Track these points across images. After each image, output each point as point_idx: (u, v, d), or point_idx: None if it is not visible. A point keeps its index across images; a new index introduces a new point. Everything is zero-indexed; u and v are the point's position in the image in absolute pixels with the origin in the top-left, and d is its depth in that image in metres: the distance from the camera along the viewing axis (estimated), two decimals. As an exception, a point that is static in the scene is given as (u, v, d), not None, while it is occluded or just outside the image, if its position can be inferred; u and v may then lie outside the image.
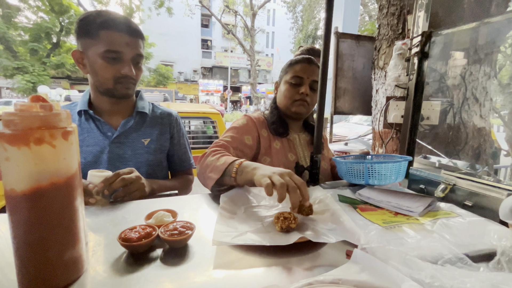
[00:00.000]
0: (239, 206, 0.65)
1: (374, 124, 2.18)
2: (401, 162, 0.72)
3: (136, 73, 0.83)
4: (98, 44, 0.76)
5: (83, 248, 0.39)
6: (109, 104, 0.87)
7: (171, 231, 0.47)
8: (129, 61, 0.80)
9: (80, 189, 0.39)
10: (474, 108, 1.76)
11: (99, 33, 0.76)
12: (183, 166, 1.03)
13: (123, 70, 0.79)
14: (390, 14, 2.08)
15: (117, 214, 0.60)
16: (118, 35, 0.77)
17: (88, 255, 0.44)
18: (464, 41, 1.49)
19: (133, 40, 0.80)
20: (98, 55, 0.77)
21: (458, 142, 1.78)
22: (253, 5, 15.42)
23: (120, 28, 0.77)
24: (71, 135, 0.36)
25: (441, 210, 0.60)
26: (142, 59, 0.85)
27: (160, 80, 17.36)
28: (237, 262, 0.44)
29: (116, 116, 0.89)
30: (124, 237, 0.44)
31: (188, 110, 3.37)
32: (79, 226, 0.38)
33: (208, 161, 0.76)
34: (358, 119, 7.09)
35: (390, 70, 1.83)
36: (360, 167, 0.74)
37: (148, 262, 0.43)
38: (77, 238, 0.38)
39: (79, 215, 0.38)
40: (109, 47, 0.76)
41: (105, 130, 0.85)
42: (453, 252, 0.42)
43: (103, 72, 0.79)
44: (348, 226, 0.50)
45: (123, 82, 0.82)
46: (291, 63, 0.98)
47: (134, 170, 0.74)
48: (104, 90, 0.83)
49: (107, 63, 0.78)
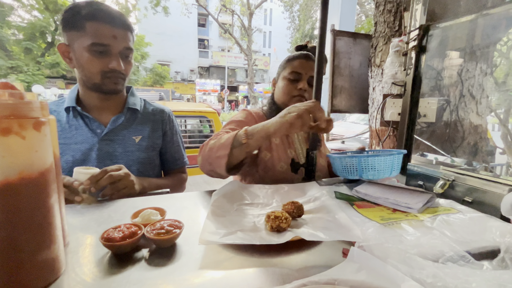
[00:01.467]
0: (232, 203, 0.62)
1: (371, 122, 2.17)
2: (395, 155, 0.70)
3: (125, 68, 0.80)
4: (84, 36, 0.73)
5: (60, 248, 0.37)
6: (98, 100, 0.83)
7: (158, 230, 0.44)
8: (117, 55, 0.77)
9: (55, 185, 0.36)
10: (470, 106, 1.76)
11: (85, 25, 0.72)
12: (176, 164, 1.00)
13: (111, 64, 0.76)
14: (386, 11, 2.07)
15: (103, 212, 0.58)
16: (105, 27, 0.73)
17: (68, 256, 0.41)
18: (461, 36, 1.48)
19: (121, 32, 0.76)
20: (84, 49, 0.73)
21: (455, 139, 1.77)
22: (250, 5, 15.37)
23: (107, 20, 0.74)
24: (44, 126, 0.33)
25: (440, 207, 0.58)
26: (132, 52, 0.82)
27: (157, 80, 17.26)
28: (226, 262, 0.41)
29: (105, 113, 0.85)
30: (107, 236, 0.42)
31: (184, 109, 3.34)
32: (55, 225, 0.35)
33: (211, 145, 0.71)
34: (355, 118, 7.09)
35: (387, 67, 1.82)
36: (353, 161, 0.72)
37: (132, 263, 0.40)
38: (53, 238, 0.35)
39: (55, 213, 0.36)
40: (95, 39, 0.73)
41: (94, 127, 0.82)
42: (455, 250, 0.40)
43: (89, 66, 0.75)
44: (344, 224, 0.48)
45: (111, 77, 0.78)
46: (289, 59, 0.96)
47: (122, 167, 0.71)
48: (92, 85, 0.79)
49: (93, 56, 0.74)
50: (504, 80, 2.94)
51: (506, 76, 2.97)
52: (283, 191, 0.72)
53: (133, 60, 0.85)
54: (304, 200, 0.65)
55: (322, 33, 0.77)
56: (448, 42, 1.54)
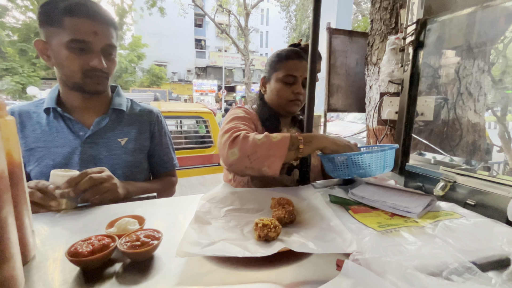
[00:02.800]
0: (220, 208, 0.58)
1: (368, 121, 2.14)
2: (386, 151, 0.66)
3: (108, 66, 0.75)
4: (63, 32, 0.67)
5: (16, 267, 0.32)
6: (80, 100, 0.78)
7: (133, 242, 0.40)
8: (99, 52, 0.72)
9: (9, 196, 0.32)
10: (468, 104, 1.73)
11: (62, 20, 0.67)
12: (165, 167, 0.95)
13: (92, 62, 0.71)
14: (382, 8, 2.04)
15: (78, 221, 0.53)
16: (84, 22, 0.68)
17: (30, 273, 0.37)
18: (459, 32, 1.45)
19: (103, 28, 0.71)
20: (62, 45, 0.68)
21: (453, 138, 1.75)
22: (247, 5, 15.32)
23: (87, 14, 0.68)
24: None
25: (442, 211, 0.54)
26: (115, 50, 0.77)
27: (154, 81, 17.16)
28: (207, 277, 0.37)
29: (88, 114, 0.80)
30: (74, 251, 0.37)
31: (180, 110, 3.29)
32: (9, 242, 0.31)
33: (258, 141, 0.66)
34: (353, 117, 7.08)
35: (383, 65, 1.78)
36: (343, 159, 0.68)
37: (102, 280, 0.36)
38: (6, 256, 0.31)
39: (9, 227, 0.31)
40: (74, 36, 0.67)
41: (77, 129, 0.77)
42: (459, 260, 0.37)
43: (69, 65, 0.70)
44: (339, 233, 0.44)
45: (93, 76, 0.73)
46: (281, 59, 0.91)
47: (105, 169, 0.66)
48: (73, 84, 0.74)
49: (73, 54, 0.69)
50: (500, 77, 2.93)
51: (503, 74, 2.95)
52: (276, 196, 0.68)
53: (117, 58, 0.81)
54: (297, 205, 0.61)
55: (314, 30, 0.73)
56: (445, 38, 1.51)
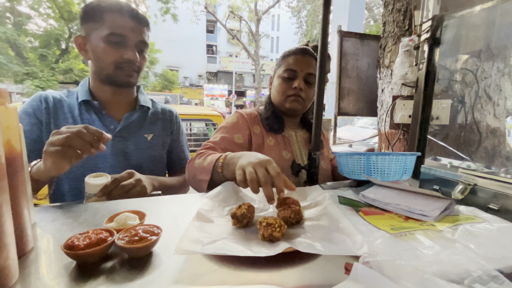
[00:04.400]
0: (223, 207, 0.56)
1: (380, 125, 2.09)
2: (407, 156, 0.63)
3: (139, 61, 0.79)
4: (102, 27, 0.73)
5: (9, 257, 0.31)
6: (110, 94, 0.82)
7: (132, 237, 0.39)
8: (133, 46, 0.77)
9: (5, 183, 0.31)
10: (487, 108, 1.65)
11: (103, 16, 0.73)
12: (181, 165, 0.99)
13: (126, 55, 0.75)
14: (396, 10, 2.00)
15: (80, 216, 0.52)
16: (123, 19, 0.74)
17: (26, 265, 0.36)
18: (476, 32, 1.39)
19: (138, 26, 0.76)
20: (101, 39, 0.73)
21: (471, 143, 1.66)
22: (258, 11, 15.50)
23: (125, 12, 0.74)
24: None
25: (461, 215, 0.50)
26: (147, 48, 0.82)
27: (166, 85, 17.53)
28: (206, 277, 0.35)
29: (118, 109, 0.84)
30: (70, 244, 0.36)
31: (190, 112, 3.33)
32: (4, 230, 0.30)
33: (196, 164, 0.72)
34: (364, 122, 6.95)
35: (396, 68, 1.74)
36: (361, 160, 0.65)
37: (96, 276, 0.34)
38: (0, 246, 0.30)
39: (4, 215, 0.30)
40: (113, 30, 0.73)
41: (107, 123, 0.81)
42: (483, 268, 0.33)
43: (104, 56, 0.75)
44: (348, 234, 0.41)
45: (125, 68, 0.77)
46: (284, 56, 0.90)
47: (133, 173, 0.68)
48: (105, 76, 0.78)
49: (110, 46, 0.74)
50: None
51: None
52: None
53: (147, 56, 0.84)
54: (304, 205, 0.58)
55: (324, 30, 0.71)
56: (462, 39, 1.46)
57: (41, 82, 11.53)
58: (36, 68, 11.65)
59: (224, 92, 20.10)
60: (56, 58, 12.24)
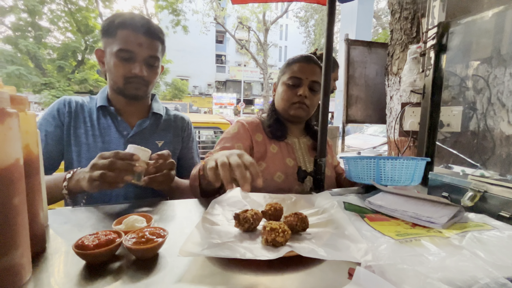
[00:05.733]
0: (230, 211, 0.57)
1: (389, 132, 2.06)
2: (417, 161, 0.62)
3: (148, 74, 0.82)
4: (114, 43, 0.77)
5: (24, 255, 0.33)
6: (124, 104, 0.86)
7: (139, 239, 0.40)
8: (141, 62, 0.79)
9: (22, 184, 0.33)
10: (501, 114, 1.61)
11: (116, 32, 0.76)
12: (191, 170, 0.99)
13: (134, 70, 0.78)
14: (403, 18, 2.01)
15: (90, 218, 0.54)
16: (132, 35, 0.76)
17: (39, 264, 0.37)
18: (486, 37, 1.37)
19: (148, 41, 0.78)
20: (113, 54, 0.77)
21: (484, 151, 1.62)
22: (266, 21, 15.80)
23: (135, 28, 0.77)
24: (10, 118, 0.31)
25: (470, 222, 0.49)
26: (157, 61, 0.84)
27: (176, 94, 17.92)
28: (209, 278, 0.35)
29: (132, 115, 0.88)
30: (80, 244, 0.38)
31: (199, 120, 3.38)
32: (19, 229, 0.32)
33: (191, 175, 0.75)
34: (374, 130, 6.85)
35: (404, 75, 1.73)
36: (370, 164, 0.65)
37: (105, 275, 0.36)
38: (14, 243, 0.31)
39: (20, 215, 0.32)
40: (122, 46, 0.76)
41: (121, 129, 0.84)
42: (491, 275, 0.32)
43: (115, 71, 0.78)
44: (353, 241, 0.41)
45: (133, 82, 0.80)
46: (289, 63, 0.91)
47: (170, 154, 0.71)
48: (117, 89, 0.82)
49: (119, 62, 0.77)
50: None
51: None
52: (290, 202, 0.65)
53: (159, 69, 0.87)
54: (311, 212, 0.58)
55: (329, 39, 0.73)
56: (471, 45, 1.44)
57: (58, 92, 12.01)
58: (53, 78, 12.18)
59: (233, 101, 20.33)
60: (73, 69, 12.77)
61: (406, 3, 1.93)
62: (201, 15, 15.30)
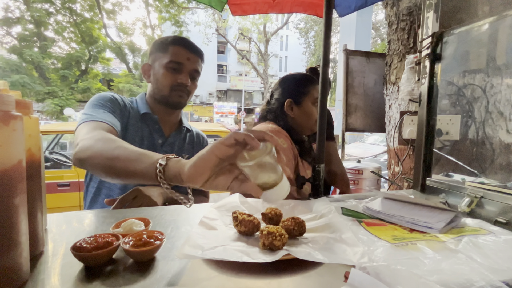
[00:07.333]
0: (228, 216, 0.57)
1: (388, 141, 2.07)
2: None
3: (190, 86, 0.89)
4: (165, 56, 0.85)
5: (22, 256, 0.33)
6: (162, 113, 0.91)
7: (136, 242, 0.40)
8: (187, 73, 0.87)
9: (23, 185, 0.34)
10: (499, 123, 1.62)
11: (168, 48, 0.86)
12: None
13: (180, 79, 0.86)
14: (400, 29, 2.05)
15: (89, 222, 0.55)
16: (182, 50, 0.86)
17: (37, 266, 0.38)
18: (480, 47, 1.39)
19: (194, 56, 0.88)
20: (162, 66, 0.85)
21: (484, 159, 1.62)
22: (267, 32, 16.13)
23: (185, 45, 0.87)
24: (15, 121, 0.32)
25: (467, 227, 0.49)
26: (198, 76, 0.93)
27: (177, 103, 18.03)
28: (205, 282, 0.36)
29: (167, 126, 0.94)
30: (78, 246, 0.38)
31: (200, 129, 3.41)
32: (18, 229, 0.32)
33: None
34: (374, 139, 6.86)
35: (402, 84, 1.75)
36: None
37: (102, 277, 0.36)
38: (13, 243, 0.32)
39: (19, 216, 0.33)
40: (172, 58, 0.85)
41: (157, 137, 0.90)
42: (487, 279, 0.32)
43: (163, 80, 0.86)
44: (350, 244, 0.41)
45: (177, 90, 0.87)
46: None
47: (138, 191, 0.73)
48: (160, 97, 0.88)
49: (168, 72, 0.85)
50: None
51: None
52: (288, 207, 0.66)
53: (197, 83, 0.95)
54: (309, 217, 0.58)
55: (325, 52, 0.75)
56: (466, 54, 1.47)
57: (61, 100, 12.15)
58: (56, 87, 12.33)
59: (234, 110, 20.47)
60: (76, 78, 12.96)
61: (402, 14, 1.98)
62: (203, 26, 15.64)
